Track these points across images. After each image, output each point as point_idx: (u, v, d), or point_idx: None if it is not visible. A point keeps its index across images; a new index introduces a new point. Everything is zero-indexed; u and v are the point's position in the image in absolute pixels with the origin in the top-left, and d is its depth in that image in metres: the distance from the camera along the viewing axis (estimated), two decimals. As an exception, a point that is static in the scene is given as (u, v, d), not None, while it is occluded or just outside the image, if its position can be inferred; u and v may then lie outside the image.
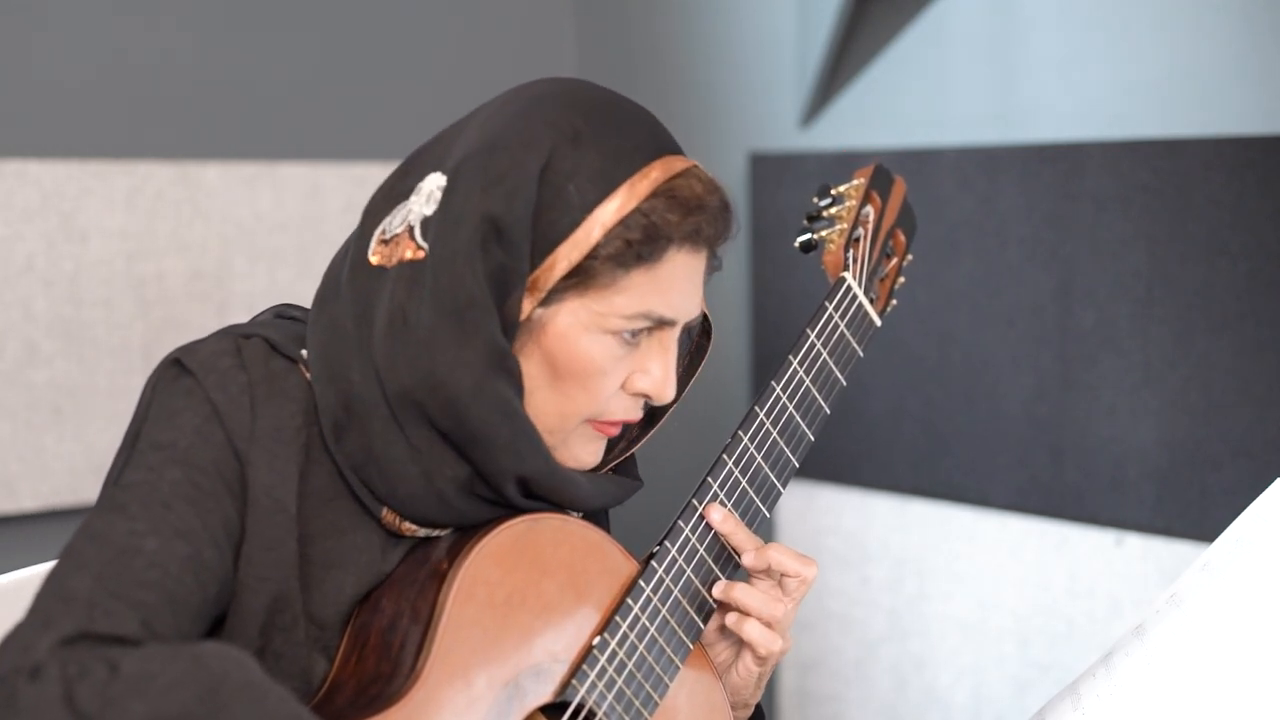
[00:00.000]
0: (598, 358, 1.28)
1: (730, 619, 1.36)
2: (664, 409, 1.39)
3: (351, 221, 2.43)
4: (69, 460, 2.24)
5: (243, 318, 2.38)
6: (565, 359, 1.27)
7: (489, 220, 1.23)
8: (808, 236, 1.55)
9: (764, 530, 1.42)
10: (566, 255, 1.25)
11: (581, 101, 1.29)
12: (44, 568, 1.60)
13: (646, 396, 1.32)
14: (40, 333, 2.22)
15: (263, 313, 1.38)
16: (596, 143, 1.26)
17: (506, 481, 1.26)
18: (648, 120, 1.31)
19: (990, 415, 2.44)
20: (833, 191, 1.56)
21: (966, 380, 2.47)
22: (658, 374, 1.31)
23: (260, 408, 1.26)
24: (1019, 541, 2.43)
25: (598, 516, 1.42)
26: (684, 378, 1.40)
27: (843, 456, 2.62)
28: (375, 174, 2.46)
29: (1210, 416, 2.21)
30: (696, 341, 1.41)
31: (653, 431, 1.40)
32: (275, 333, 1.31)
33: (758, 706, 1.45)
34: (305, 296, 2.58)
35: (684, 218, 1.27)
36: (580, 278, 1.26)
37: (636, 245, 1.25)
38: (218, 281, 2.34)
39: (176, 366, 1.28)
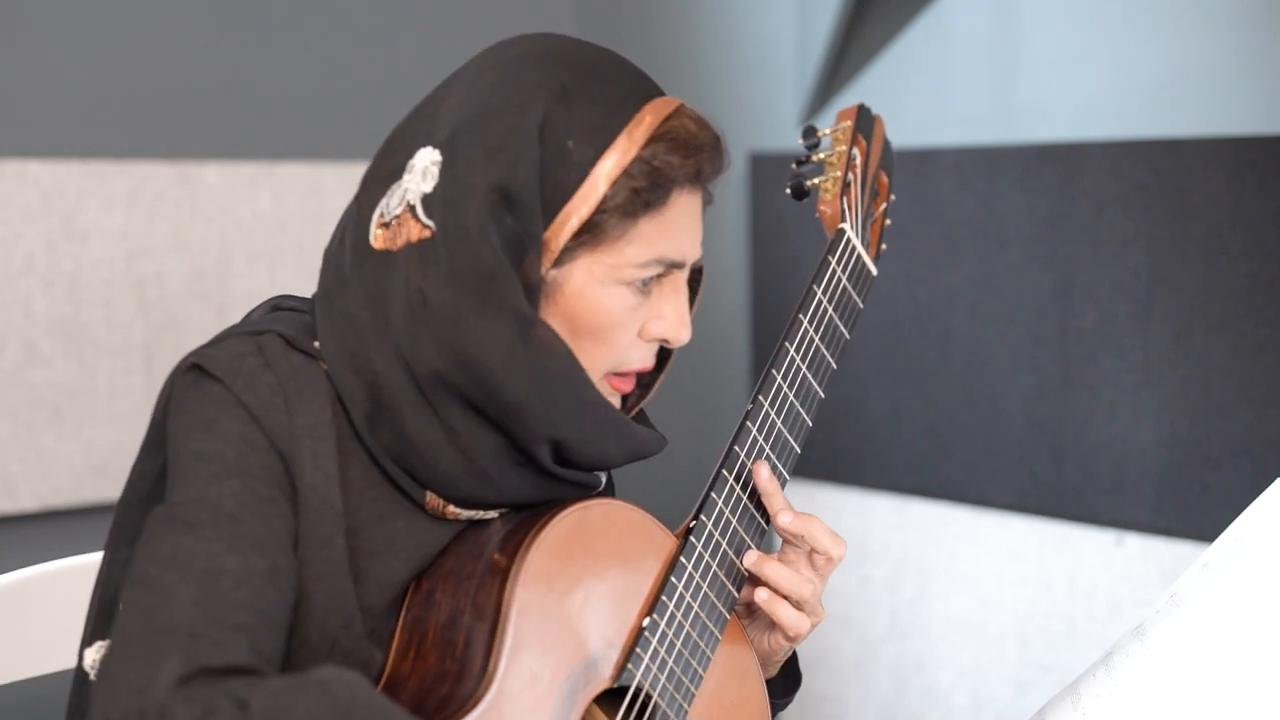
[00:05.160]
0: (614, 310, 1.27)
1: (761, 597, 1.36)
2: (666, 355, 1.38)
3: (351, 221, 2.43)
4: (69, 460, 2.24)
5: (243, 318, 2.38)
6: (584, 316, 1.27)
7: (497, 189, 1.22)
8: (800, 183, 1.53)
9: (766, 536, 1.42)
10: (576, 212, 1.24)
11: (560, 56, 1.29)
12: (44, 568, 1.60)
13: (664, 340, 1.32)
14: (40, 333, 2.22)
15: (256, 309, 1.36)
16: (586, 96, 1.26)
17: (539, 446, 1.25)
18: (626, 66, 1.31)
19: (990, 415, 2.44)
20: (820, 133, 1.55)
21: (966, 380, 2.47)
22: (672, 317, 1.31)
23: (294, 405, 1.24)
24: (1019, 541, 2.43)
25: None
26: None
27: (843, 456, 2.62)
28: (375, 174, 2.46)
29: (1210, 416, 2.21)
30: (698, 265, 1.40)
31: (660, 378, 1.39)
32: (285, 327, 1.29)
33: (791, 659, 1.47)
34: (305, 295, 2.57)
35: (685, 159, 1.27)
36: (591, 233, 1.25)
37: (644, 193, 1.25)
38: (218, 281, 2.34)
39: (195, 371, 1.25)
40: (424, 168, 1.26)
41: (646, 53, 2.87)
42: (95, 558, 1.62)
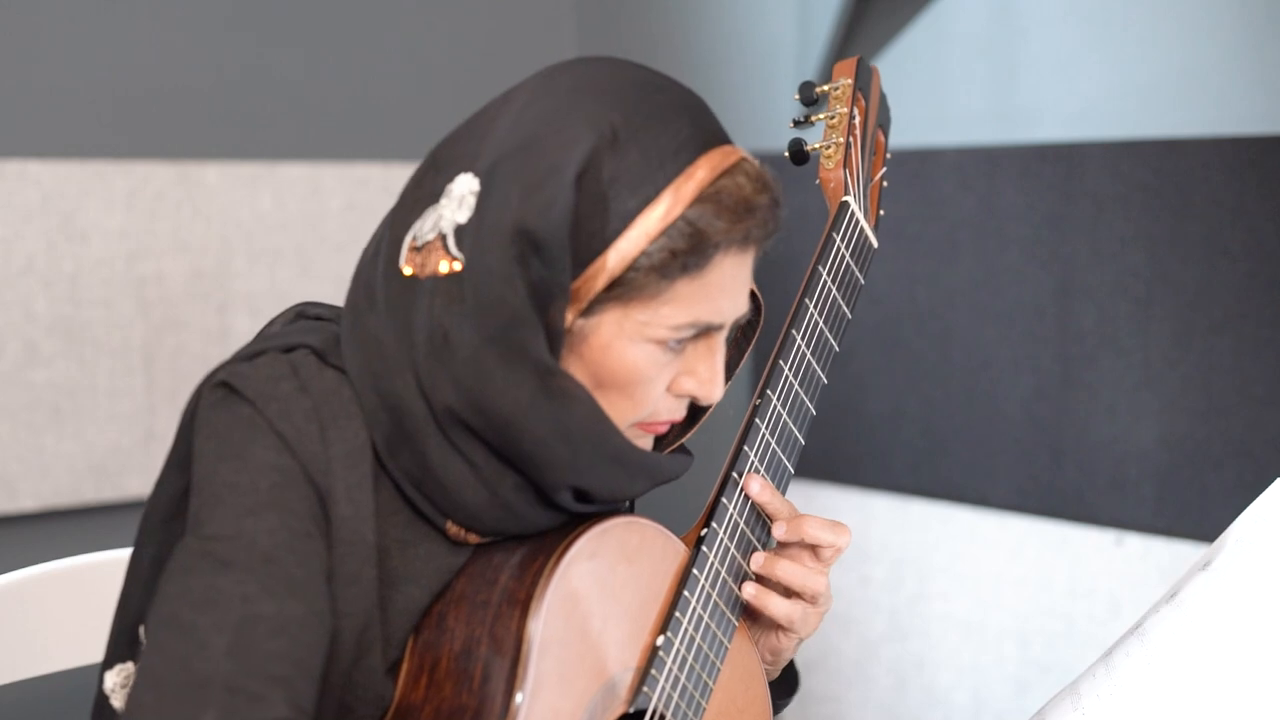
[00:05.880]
0: (642, 366, 1.21)
1: (749, 593, 1.32)
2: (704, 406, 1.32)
3: (352, 221, 2.43)
4: (69, 460, 2.24)
5: (243, 318, 2.38)
6: (609, 370, 1.21)
7: (525, 234, 1.15)
8: (799, 147, 1.46)
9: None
10: (607, 266, 1.17)
11: (619, 92, 1.20)
12: (44, 568, 1.60)
13: (694, 398, 1.26)
14: (40, 333, 2.22)
15: (278, 318, 1.31)
16: (636, 141, 1.18)
17: (560, 492, 1.22)
18: (691, 107, 1.23)
19: (990, 415, 2.44)
20: (818, 90, 1.48)
21: (966, 380, 2.47)
22: (705, 375, 1.24)
23: (330, 432, 1.19)
24: (1019, 541, 2.43)
25: None
26: (733, 359, 1.35)
27: (843, 456, 2.62)
28: (375, 174, 2.46)
29: (1210, 416, 2.21)
30: (746, 318, 1.33)
31: (699, 424, 1.34)
32: (316, 339, 1.24)
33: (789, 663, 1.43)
34: (305, 296, 2.57)
35: (733, 224, 1.19)
36: (623, 288, 1.18)
37: (682, 255, 1.18)
38: (218, 281, 2.34)
39: (224, 389, 1.20)
40: (461, 196, 1.19)
41: (646, 53, 2.87)
42: (95, 558, 1.62)
